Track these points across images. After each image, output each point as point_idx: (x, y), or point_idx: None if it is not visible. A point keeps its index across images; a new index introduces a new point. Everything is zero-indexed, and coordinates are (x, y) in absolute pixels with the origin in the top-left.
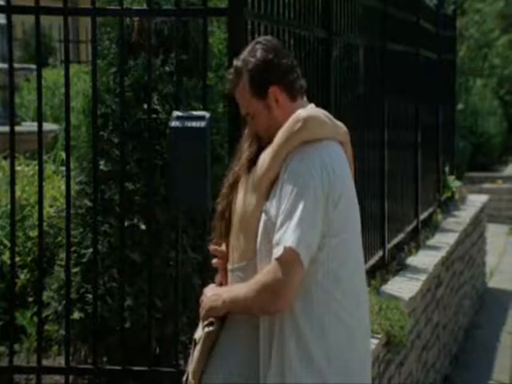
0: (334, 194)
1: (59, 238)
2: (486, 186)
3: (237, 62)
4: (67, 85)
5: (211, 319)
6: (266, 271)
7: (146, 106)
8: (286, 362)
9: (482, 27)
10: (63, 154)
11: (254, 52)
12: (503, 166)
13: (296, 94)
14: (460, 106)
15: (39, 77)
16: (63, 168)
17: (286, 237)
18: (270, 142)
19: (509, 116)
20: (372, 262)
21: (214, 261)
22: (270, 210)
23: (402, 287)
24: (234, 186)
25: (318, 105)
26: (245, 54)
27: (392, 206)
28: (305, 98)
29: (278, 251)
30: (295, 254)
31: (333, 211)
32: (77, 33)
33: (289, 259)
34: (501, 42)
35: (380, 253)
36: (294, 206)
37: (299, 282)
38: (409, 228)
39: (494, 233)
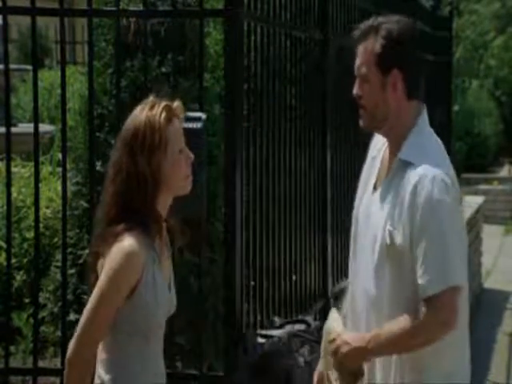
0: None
1: (55, 240)
2: (482, 187)
3: (374, 22)
4: (63, 86)
5: (362, 369)
6: (436, 309)
7: None
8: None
9: (477, 28)
10: (60, 155)
11: (401, 24)
12: (499, 167)
13: (413, 92)
14: (456, 107)
15: (35, 78)
16: (60, 169)
17: (447, 273)
18: (368, 122)
19: (504, 117)
20: None
21: None
22: (397, 236)
23: None
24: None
25: (313, 104)
26: (389, 18)
27: None
28: (422, 107)
29: (440, 285)
30: (459, 289)
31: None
32: (73, 34)
33: (456, 293)
34: (496, 44)
35: None
36: (439, 235)
37: None
38: None
39: (490, 233)
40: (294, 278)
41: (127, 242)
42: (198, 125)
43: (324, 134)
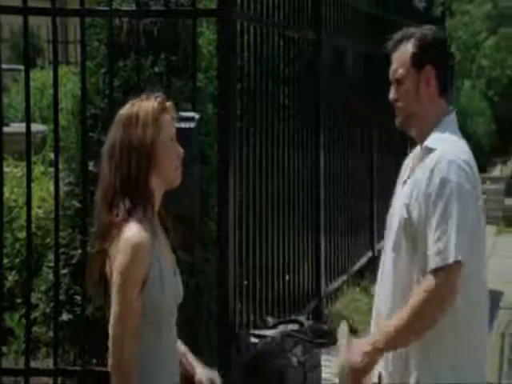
0: (477, 192)
1: (48, 240)
2: None
3: (407, 32)
4: (56, 86)
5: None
6: (438, 281)
7: None
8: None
9: (470, 29)
10: (52, 155)
11: (433, 30)
12: (491, 167)
13: (444, 90)
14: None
15: (27, 78)
16: (52, 169)
17: (451, 248)
18: (403, 123)
19: (497, 117)
20: (362, 262)
21: None
22: (413, 211)
23: None
24: None
25: (306, 104)
26: (421, 28)
27: (381, 207)
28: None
29: (444, 260)
30: (461, 264)
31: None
32: (65, 33)
33: (457, 268)
34: (488, 44)
35: (369, 253)
36: (448, 212)
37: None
38: None
39: None
40: (287, 277)
41: (131, 232)
42: (191, 124)
43: (317, 133)
